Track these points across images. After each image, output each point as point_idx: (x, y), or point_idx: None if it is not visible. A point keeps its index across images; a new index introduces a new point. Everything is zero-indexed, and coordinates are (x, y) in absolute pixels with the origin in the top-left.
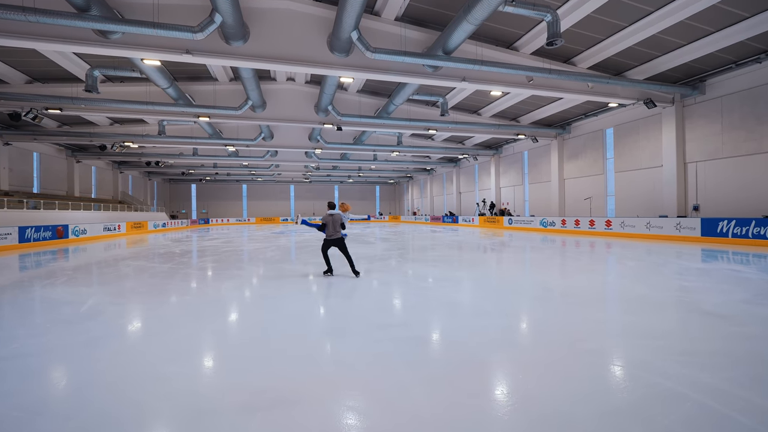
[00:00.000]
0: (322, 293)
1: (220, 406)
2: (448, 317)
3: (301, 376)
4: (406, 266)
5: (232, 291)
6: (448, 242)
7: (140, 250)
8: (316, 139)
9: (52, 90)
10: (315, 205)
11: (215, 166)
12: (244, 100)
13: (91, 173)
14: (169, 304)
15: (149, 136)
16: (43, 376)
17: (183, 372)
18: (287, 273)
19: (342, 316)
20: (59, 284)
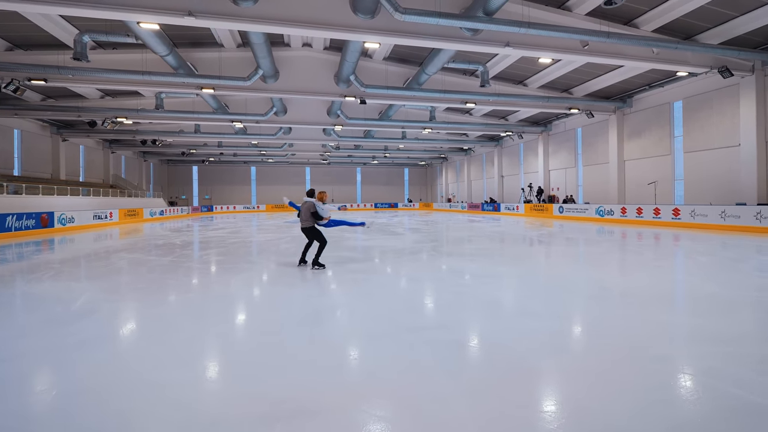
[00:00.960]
0: (344, 291)
1: (233, 417)
2: (489, 319)
3: (323, 383)
4: (439, 261)
5: (240, 288)
6: (489, 233)
7: (136, 242)
8: (335, 114)
9: (36, 58)
10: (334, 191)
11: (220, 146)
12: (254, 70)
13: (78, 153)
14: (170, 303)
15: (145, 110)
16: (25, 384)
17: (188, 379)
18: (303, 268)
19: (368, 318)
20: (45, 279)
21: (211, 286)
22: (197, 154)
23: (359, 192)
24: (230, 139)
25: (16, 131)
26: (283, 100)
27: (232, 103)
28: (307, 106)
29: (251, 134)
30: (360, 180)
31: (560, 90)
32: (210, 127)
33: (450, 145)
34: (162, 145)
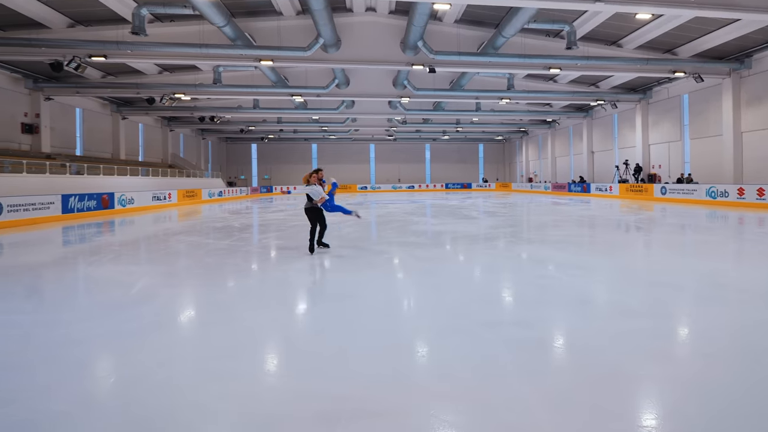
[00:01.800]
0: (413, 280)
1: (291, 413)
2: (578, 316)
3: (387, 381)
4: (519, 249)
5: (300, 275)
6: (577, 218)
7: (194, 224)
8: (402, 84)
9: (96, 34)
10: (401, 170)
11: (279, 122)
12: (314, 38)
13: (138, 132)
14: (229, 290)
15: (203, 85)
16: (88, 369)
17: (246, 371)
18: (367, 254)
19: (437, 310)
20: (106, 262)
21: (270, 272)
22: (256, 131)
23: (428, 171)
24: (290, 114)
25: (77, 110)
26: (345, 71)
27: (291, 76)
28: (371, 76)
29: (312, 109)
30: (429, 158)
31: (662, 50)
32: (269, 102)
33: (531, 117)
34: (220, 122)
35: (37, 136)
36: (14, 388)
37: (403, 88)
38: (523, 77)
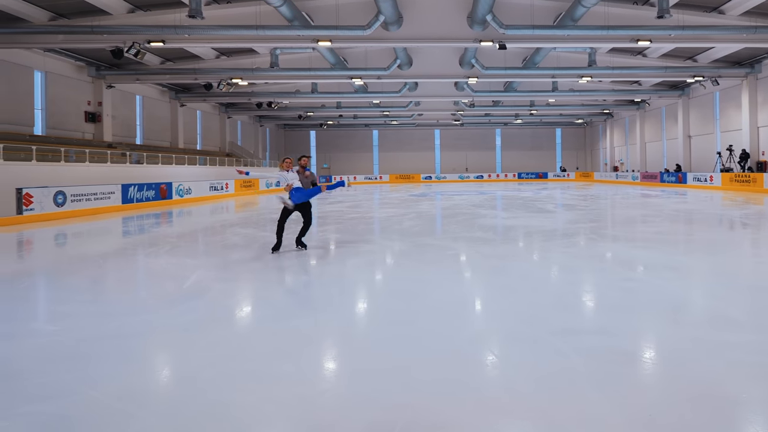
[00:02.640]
0: (478, 280)
1: (343, 420)
2: (669, 325)
3: (447, 390)
4: (601, 247)
5: (358, 271)
6: (671, 212)
7: (250, 215)
8: (469, 63)
9: (154, 19)
10: (469, 157)
11: (339, 107)
12: (374, 16)
13: (195, 119)
14: (283, 285)
15: (260, 69)
16: (139, 362)
17: (297, 373)
18: (430, 250)
19: (505, 313)
20: (162, 254)
21: (327, 268)
22: (315, 117)
23: (499, 159)
24: (349, 98)
25: (138, 97)
26: (407, 50)
27: (351, 57)
28: (435, 56)
29: (372, 92)
30: (500, 144)
31: None
32: (328, 85)
33: (616, 97)
34: (278, 108)
35: (99, 124)
36: (69, 379)
37: (471, 68)
38: (607, 52)
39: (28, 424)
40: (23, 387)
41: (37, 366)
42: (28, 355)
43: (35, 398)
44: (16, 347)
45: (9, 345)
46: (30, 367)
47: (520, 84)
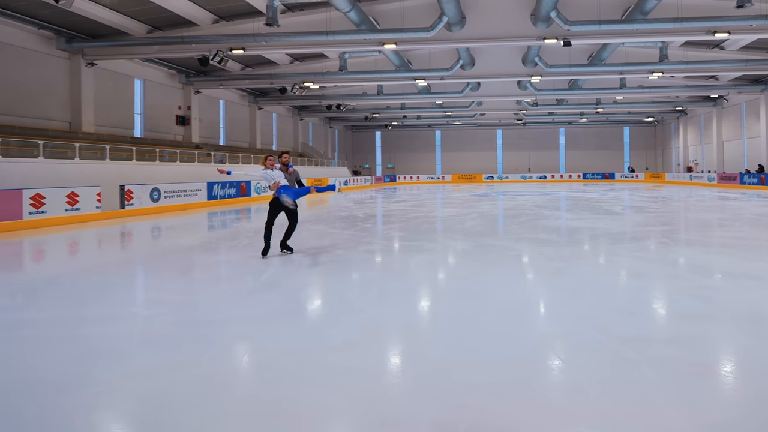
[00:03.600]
0: (542, 282)
1: (406, 418)
2: (752, 336)
3: (511, 393)
4: (674, 252)
5: (422, 269)
6: (752, 216)
7: (320, 213)
8: (532, 62)
9: (236, 28)
10: (531, 157)
11: (403, 107)
12: (438, 17)
13: (271, 121)
14: (350, 280)
15: (330, 73)
16: (218, 350)
17: (364, 367)
18: (493, 250)
19: (569, 318)
20: (241, 247)
21: (392, 265)
22: (380, 119)
23: (563, 159)
24: (413, 99)
25: (221, 102)
26: (470, 50)
27: (415, 59)
28: (497, 55)
29: (435, 93)
30: (564, 143)
31: None
32: (392, 87)
33: (690, 93)
34: (346, 110)
35: (188, 127)
36: (157, 360)
37: (534, 66)
38: (680, 45)
39: (123, 400)
40: (120, 365)
41: (132, 347)
42: (126, 336)
43: (130, 376)
44: (116, 329)
45: (110, 326)
46: (126, 348)
47: (586, 81)
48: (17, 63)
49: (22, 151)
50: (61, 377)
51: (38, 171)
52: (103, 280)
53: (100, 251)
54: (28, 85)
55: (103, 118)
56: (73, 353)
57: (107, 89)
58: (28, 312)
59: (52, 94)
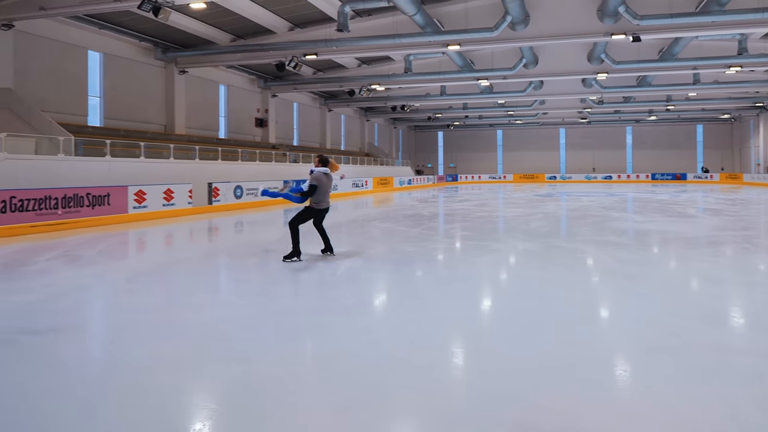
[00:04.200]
0: (614, 286)
1: (487, 417)
2: None
3: (588, 396)
4: (756, 258)
5: (488, 268)
6: None
7: (387, 211)
8: (598, 59)
9: (309, 34)
10: (596, 157)
11: (465, 107)
12: (501, 17)
13: (340, 123)
14: (419, 278)
15: (395, 75)
16: (295, 339)
17: (434, 364)
18: (561, 252)
19: (643, 323)
20: (317, 243)
21: (457, 264)
22: (442, 119)
23: (630, 158)
24: (475, 99)
25: (295, 104)
26: (533, 48)
27: (477, 59)
28: (562, 53)
29: (497, 93)
30: (631, 142)
31: None
32: (455, 87)
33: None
34: (410, 111)
35: (266, 129)
36: (244, 346)
37: (600, 63)
38: (761, 37)
39: (213, 382)
40: (211, 349)
41: (223, 333)
42: (220, 322)
43: (221, 360)
44: (210, 315)
45: (205, 313)
46: (219, 333)
47: (655, 77)
48: (124, 73)
49: (126, 152)
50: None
51: (140, 169)
52: (198, 270)
53: (193, 243)
54: (131, 92)
55: (192, 121)
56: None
57: (196, 94)
58: (138, 297)
59: (150, 100)
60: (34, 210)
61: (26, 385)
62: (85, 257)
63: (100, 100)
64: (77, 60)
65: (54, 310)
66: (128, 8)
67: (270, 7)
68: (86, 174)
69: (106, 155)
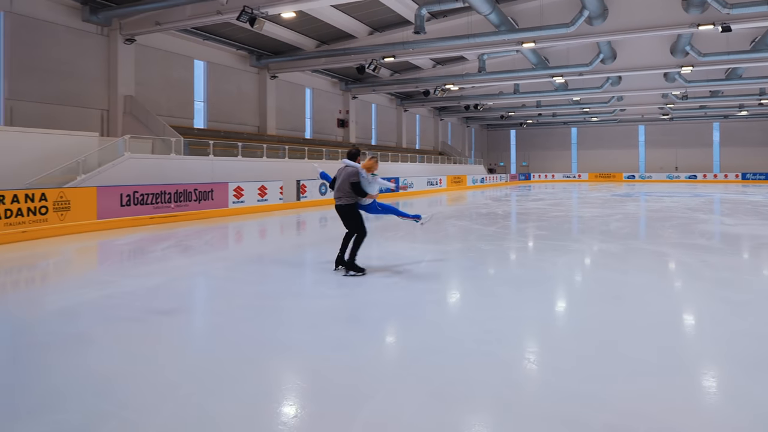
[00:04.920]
0: (706, 292)
1: (578, 419)
2: None
3: (682, 404)
4: None
5: (571, 270)
6: None
7: (462, 209)
8: (683, 51)
9: (387, 38)
10: (679, 155)
11: (538, 105)
12: (578, 12)
13: (415, 122)
14: (493, 276)
15: (469, 75)
16: (391, 332)
17: (511, 362)
18: (644, 254)
19: (743, 334)
20: (397, 239)
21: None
22: (515, 117)
23: (717, 157)
24: (549, 97)
25: (373, 105)
26: (611, 43)
27: (552, 56)
28: (641, 46)
29: (572, 90)
30: (718, 140)
31: None
32: (528, 85)
33: None
34: (483, 109)
35: (346, 129)
36: (339, 336)
37: (684, 56)
38: None
39: (314, 365)
40: (309, 340)
41: (324, 322)
42: (318, 313)
43: (321, 346)
44: (308, 305)
45: (303, 302)
46: (318, 323)
47: (747, 70)
48: (224, 79)
49: (225, 151)
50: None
51: (237, 168)
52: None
53: (284, 236)
54: (230, 96)
55: (282, 123)
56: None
57: (285, 98)
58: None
59: (246, 103)
60: (152, 204)
61: (160, 360)
62: (194, 247)
63: (204, 105)
64: (185, 68)
65: (174, 294)
66: (228, 20)
67: (351, 13)
68: (193, 171)
69: (209, 155)
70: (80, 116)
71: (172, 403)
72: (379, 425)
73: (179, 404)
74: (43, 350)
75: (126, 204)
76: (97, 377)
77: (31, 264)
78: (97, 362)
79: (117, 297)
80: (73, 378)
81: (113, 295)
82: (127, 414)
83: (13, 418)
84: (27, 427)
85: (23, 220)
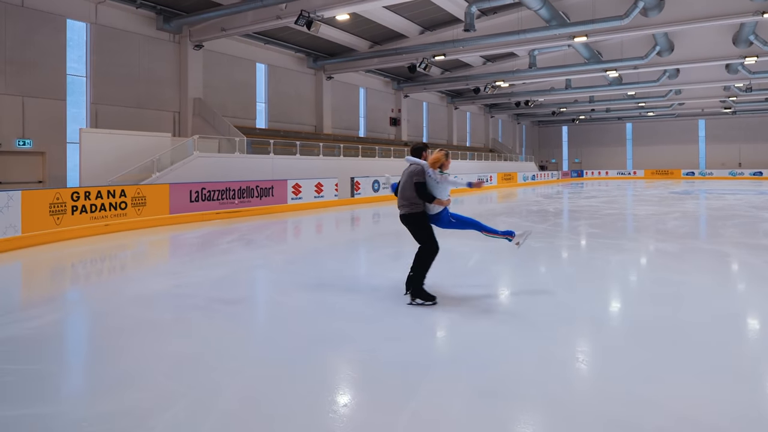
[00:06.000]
0: (762, 290)
1: (639, 422)
2: None
3: (736, 409)
4: None
5: (626, 269)
6: None
7: (512, 206)
8: (746, 41)
9: (438, 36)
10: (742, 151)
11: (591, 101)
12: (633, 3)
13: (465, 120)
14: (544, 274)
15: (519, 71)
16: (441, 327)
17: (554, 364)
18: (705, 254)
19: None
20: (448, 235)
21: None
22: (567, 113)
23: None
24: (602, 92)
25: (424, 104)
26: (668, 34)
27: (605, 50)
28: (701, 37)
29: (627, 84)
30: None
31: None
32: (581, 80)
33: None
34: (534, 106)
35: (398, 127)
36: (389, 328)
37: (748, 46)
38: None
39: (367, 357)
40: (361, 331)
41: (369, 314)
42: (363, 304)
43: (373, 338)
44: (354, 297)
45: (356, 296)
46: (366, 314)
47: None
48: (283, 81)
49: (284, 150)
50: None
51: (296, 165)
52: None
53: (339, 231)
54: (289, 97)
55: (337, 122)
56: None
57: (340, 97)
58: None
59: (303, 103)
60: (218, 200)
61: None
62: (256, 241)
63: (265, 105)
64: (248, 71)
65: (237, 285)
66: (287, 24)
67: (403, 13)
68: (255, 169)
69: (270, 153)
70: (155, 118)
71: (235, 385)
72: (427, 421)
73: (242, 386)
74: (119, 334)
75: (195, 200)
76: (168, 360)
77: (113, 255)
78: (167, 346)
79: (186, 287)
80: (146, 360)
81: (182, 284)
82: (195, 394)
83: (94, 394)
84: (107, 402)
85: (106, 215)
